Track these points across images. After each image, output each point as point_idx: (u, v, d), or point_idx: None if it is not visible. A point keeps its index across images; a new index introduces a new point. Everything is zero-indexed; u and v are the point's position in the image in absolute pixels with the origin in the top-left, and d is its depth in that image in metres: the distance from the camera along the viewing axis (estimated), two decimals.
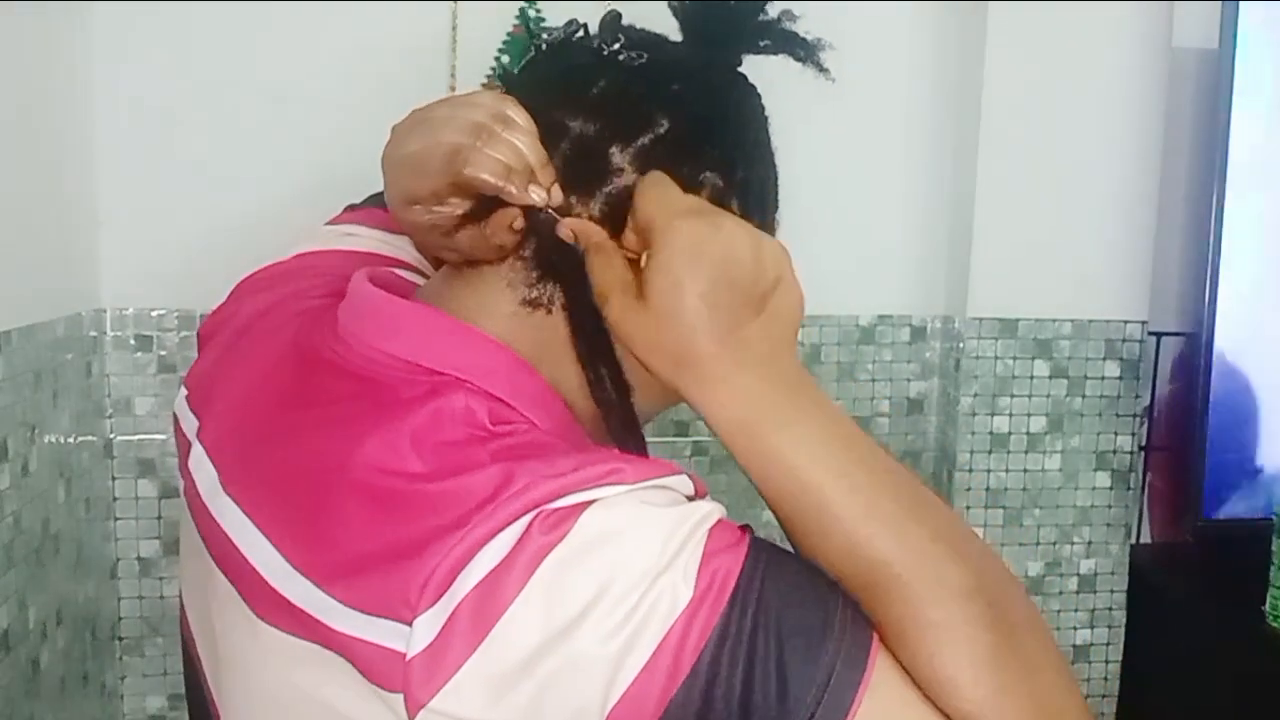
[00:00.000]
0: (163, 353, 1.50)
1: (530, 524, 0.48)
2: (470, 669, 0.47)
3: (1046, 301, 1.64)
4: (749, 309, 0.55)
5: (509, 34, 1.53)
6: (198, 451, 0.64)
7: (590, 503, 0.49)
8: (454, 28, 1.52)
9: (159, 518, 1.52)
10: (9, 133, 1.20)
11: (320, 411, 0.58)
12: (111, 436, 1.50)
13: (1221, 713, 1.53)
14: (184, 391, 0.70)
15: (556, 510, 0.48)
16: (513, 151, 0.56)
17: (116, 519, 1.51)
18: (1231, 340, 1.58)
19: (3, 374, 1.16)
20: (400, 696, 0.47)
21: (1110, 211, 1.64)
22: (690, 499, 0.53)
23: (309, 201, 1.52)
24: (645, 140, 0.58)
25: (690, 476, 0.54)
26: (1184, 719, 1.63)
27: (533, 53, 0.63)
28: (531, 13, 1.53)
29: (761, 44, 0.64)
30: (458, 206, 0.58)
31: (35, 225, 1.28)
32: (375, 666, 0.48)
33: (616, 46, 0.60)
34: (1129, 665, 1.71)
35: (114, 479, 1.50)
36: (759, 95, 0.66)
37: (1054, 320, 1.65)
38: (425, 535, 0.48)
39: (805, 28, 0.64)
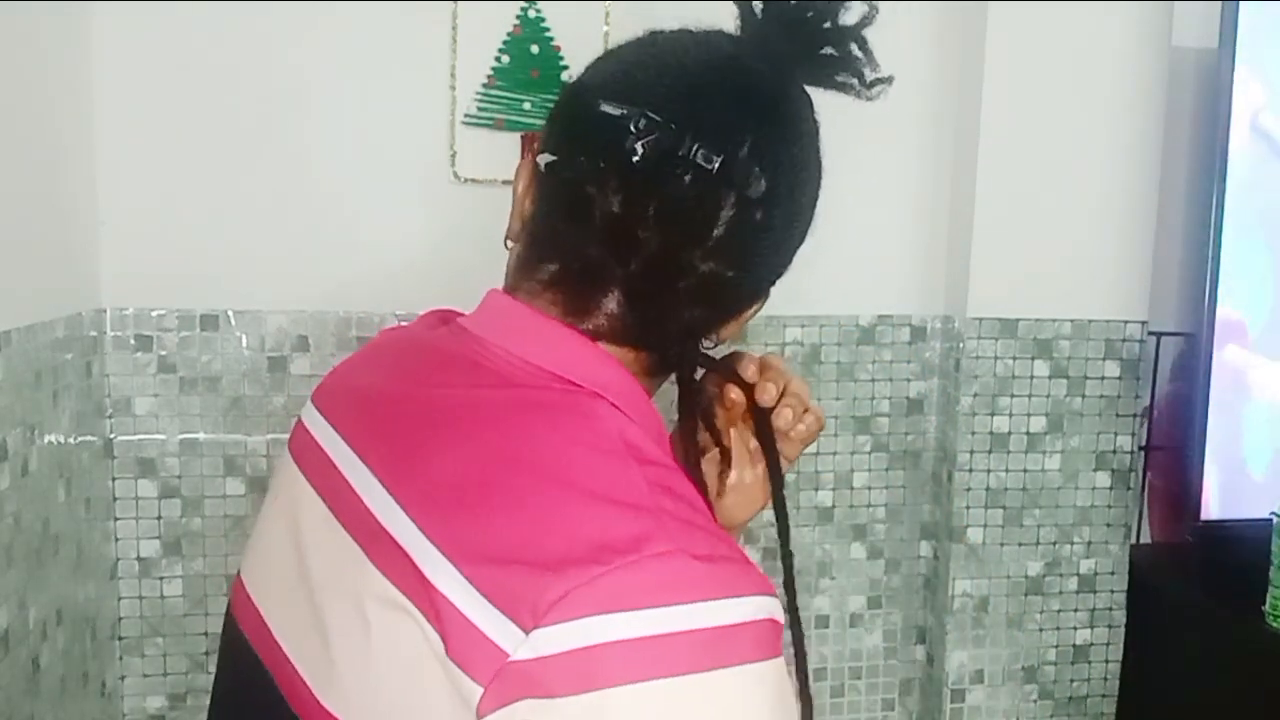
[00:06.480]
0: (163, 353, 1.50)
1: (684, 633, 0.49)
2: (563, 704, 0.48)
3: (1046, 301, 1.65)
4: None
5: (509, 34, 1.53)
6: (316, 418, 0.67)
7: (743, 664, 0.51)
8: (454, 28, 1.52)
9: (159, 518, 1.52)
10: (9, 133, 1.20)
11: (463, 395, 0.59)
12: (111, 436, 1.50)
13: (1221, 712, 1.53)
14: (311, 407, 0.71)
15: (715, 635, 0.50)
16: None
17: (116, 519, 1.51)
18: (1231, 340, 1.58)
19: (3, 374, 1.16)
20: (478, 689, 0.48)
21: (1110, 211, 1.64)
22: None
23: (310, 201, 1.53)
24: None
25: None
26: (1184, 719, 1.63)
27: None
28: (531, 13, 1.53)
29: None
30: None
31: (35, 225, 1.28)
32: (469, 651, 0.49)
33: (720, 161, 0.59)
34: (1129, 665, 1.71)
35: (114, 479, 1.50)
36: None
37: (1054, 320, 1.65)
38: (566, 554, 0.50)
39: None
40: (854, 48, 0.64)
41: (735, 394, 0.68)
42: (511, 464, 0.54)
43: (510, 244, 0.66)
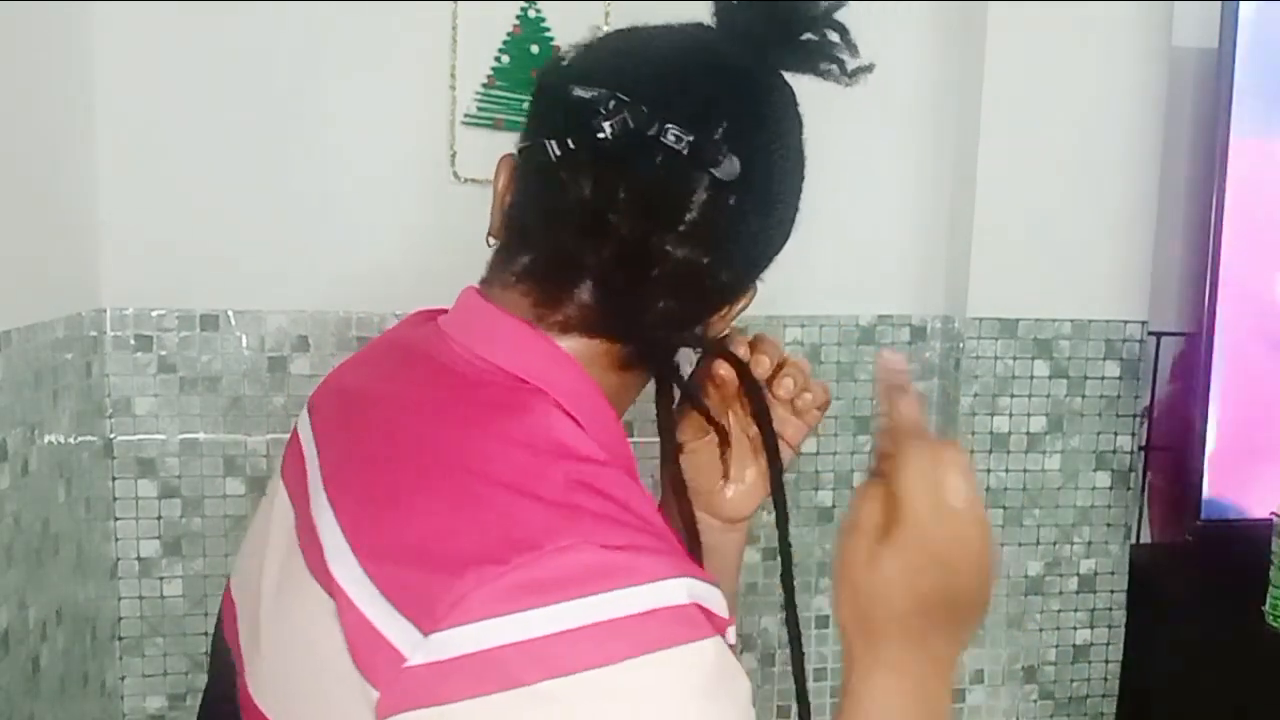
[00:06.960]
0: (163, 353, 1.50)
1: (591, 626, 0.47)
2: (461, 709, 0.46)
3: (1046, 301, 1.64)
4: (949, 621, 0.57)
5: (509, 34, 1.53)
6: (304, 420, 0.68)
7: (665, 648, 0.48)
8: (454, 28, 1.52)
9: (159, 518, 1.52)
10: (9, 133, 1.20)
11: (413, 392, 0.60)
12: (111, 436, 1.50)
13: (1221, 713, 1.53)
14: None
15: (627, 623, 0.48)
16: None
17: (116, 519, 1.51)
18: (1231, 340, 1.58)
19: (3, 374, 1.16)
20: (375, 693, 0.47)
21: (1110, 211, 1.64)
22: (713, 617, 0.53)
23: (309, 201, 1.53)
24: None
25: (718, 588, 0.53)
26: (1184, 719, 1.63)
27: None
28: (531, 13, 1.53)
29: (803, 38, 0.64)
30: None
31: (35, 225, 1.27)
32: (369, 653, 0.48)
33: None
34: (1129, 665, 1.71)
35: (114, 479, 1.50)
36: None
37: (1054, 320, 1.65)
38: (467, 554, 0.48)
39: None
40: (831, 33, 0.64)
41: (724, 370, 0.67)
42: (429, 459, 0.53)
43: (493, 240, 0.66)
